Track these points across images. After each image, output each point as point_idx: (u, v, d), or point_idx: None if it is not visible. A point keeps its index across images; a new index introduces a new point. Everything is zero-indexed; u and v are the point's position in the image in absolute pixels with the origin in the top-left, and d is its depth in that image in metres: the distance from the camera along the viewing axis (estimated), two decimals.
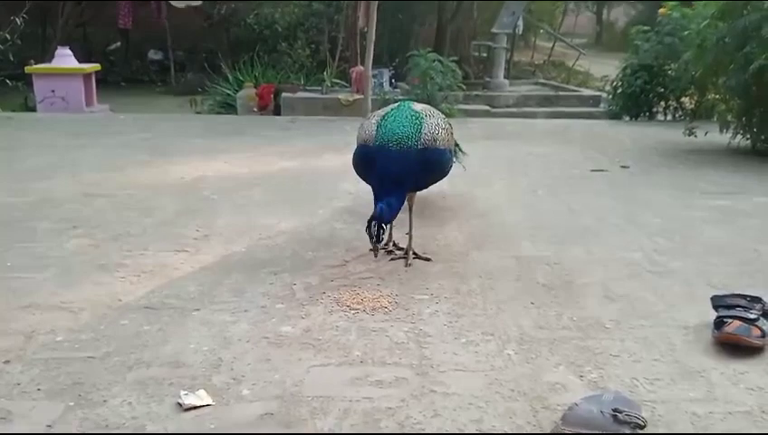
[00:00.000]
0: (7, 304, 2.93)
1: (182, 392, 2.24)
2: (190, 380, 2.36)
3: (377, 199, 3.31)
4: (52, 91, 9.89)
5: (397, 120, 3.43)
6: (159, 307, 2.95)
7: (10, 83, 10.17)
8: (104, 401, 2.21)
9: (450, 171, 3.72)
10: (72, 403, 2.19)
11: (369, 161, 3.43)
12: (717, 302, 2.83)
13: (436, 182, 3.70)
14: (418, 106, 3.65)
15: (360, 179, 3.66)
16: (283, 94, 10.25)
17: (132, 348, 2.57)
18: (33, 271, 3.33)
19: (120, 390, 2.28)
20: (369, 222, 3.23)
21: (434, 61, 9.05)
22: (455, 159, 3.84)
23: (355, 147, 3.59)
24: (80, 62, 10.44)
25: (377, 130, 3.42)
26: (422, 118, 3.48)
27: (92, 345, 2.58)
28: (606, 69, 12.30)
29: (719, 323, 2.72)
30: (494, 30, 12.77)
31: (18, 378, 2.33)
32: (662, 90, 9.21)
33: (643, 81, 9.09)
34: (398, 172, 3.31)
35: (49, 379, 2.33)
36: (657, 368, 2.52)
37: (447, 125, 3.68)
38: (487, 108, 10.95)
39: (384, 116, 3.50)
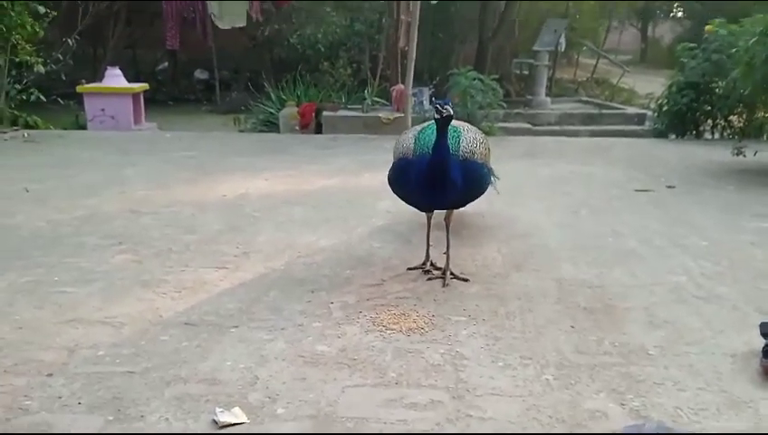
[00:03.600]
0: (53, 319, 3.01)
1: (218, 410, 2.26)
2: (226, 397, 2.38)
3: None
4: (102, 109, 10.20)
5: (434, 132, 3.44)
6: (198, 323, 2.99)
7: (62, 102, 10.60)
8: (142, 416, 2.24)
9: (487, 189, 3.70)
10: (111, 418, 2.23)
11: (408, 174, 3.44)
12: (766, 329, 2.72)
13: (474, 199, 3.68)
14: (455, 122, 3.65)
15: (398, 198, 3.67)
16: (325, 113, 10.33)
17: (171, 364, 2.61)
18: (79, 286, 3.42)
19: (157, 405, 2.31)
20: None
21: (474, 79, 9.05)
22: (492, 178, 3.81)
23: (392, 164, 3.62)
24: (129, 81, 10.76)
25: (415, 142, 3.45)
26: (460, 131, 3.52)
27: (133, 360, 2.63)
28: (651, 86, 12.12)
29: (767, 352, 2.62)
30: (535, 48, 12.71)
31: (60, 391, 2.39)
32: (709, 108, 8.98)
33: (690, 98, 8.89)
34: (440, 177, 3.31)
35: (90, 393, 2.38)
36: (703, 397, 2.44)
37: (485, 141, 3.67)
38: (528, 126, 10.86)
39: (421, 130, 3.54)
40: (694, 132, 9.27)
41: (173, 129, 10.51)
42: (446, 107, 3.22)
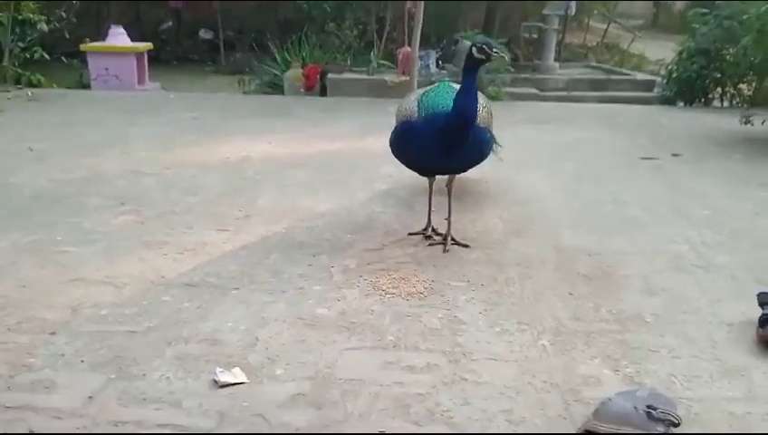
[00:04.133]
0: (56, 278, 3.05)
1: (218, 369, 2.30)
2: (226, 357, 2.42)
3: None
4: (106, 68, 10.14)
5: (438, 95, 3.43)
6: (200, 285, 3.02)
7: (66, 61, 10.53)
8: (143, 374, 2.29)
9: (489, 155, 3.68)
10: (112, 376, 2.27)
11: (411, 137, 3.42)
12: (763, 298, 2.74)
13: (476, 164, 3.66)
14: (458, 85, 3.62)
15: (399, 163, 3.66)
16: (330, 75, 10.24)
17: (172, 324, 2.64)
18: (81, 246, 3.45)
19: (159, 364, 2.35)
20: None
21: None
22: (494, 145, 3.79)
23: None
24: (132, 40, 10.67)
25: (418, 105, 3.42)
26: None
27: (135, 320, 2.67)
28: (662, 52, 11.93)
29: (764, 321, 2.63)
30: (545, 12, 12.48)
31: (63, 349, 2.43)
32: (719, 75, 8.88)
33: (699, 65, 8.78)
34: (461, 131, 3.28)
35: (92, 351, 2.42)
36: (697, 365, 2.47)
37: (488, 105, 3.64)
38: (536, 91, 10.72)
39: (424, 93, 3.51)
40: (702, 100, 9.17)
41: (177, 89, 10.45)
42: (494, 50, 3.20)
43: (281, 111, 8.05)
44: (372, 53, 11.06)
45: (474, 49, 3.22)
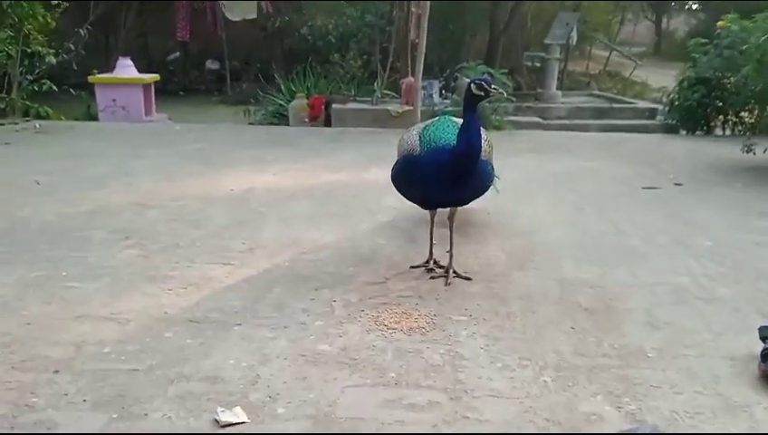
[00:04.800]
0: (60, 314, 3.07)
1: (219, 409, 2.30)
2: (228, 395, 2.42)
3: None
4: (114, 100, 10.27)
5: (439, 129, 3.47)
6: (202, 321, 3.04)
7: (74, 92, 10.65)
8: (145, 414, 2.30)
9: (489, 188, 3.71)
10: (115, 415, 2.28)
11: (414, 171, 3.45)
12: (765, 332, 2.74)
13: (477, 197, 3.69)
14: (458, 119, 3.66)
15: (402, 195, 3.69)
16: (334, 105, 10.34)
17: (174, 361, 2.66)
18: (86, 281, 3.48)
19: (160, 403, 2.36)
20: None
21: (484, 73, 9.01)
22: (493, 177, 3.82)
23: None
24: (140, 71, 10.82)
25: (420, 139, 3.45)
26: None
27: (137, 357, 2.68)
28: (664, 79, 12.00)
29: (766, 356, 2.62)
30: (546, 41, 12.62)
31: (66, 388, 2.44)
32: (720, 104, 8.91)
33: (701, 94, 8.82)
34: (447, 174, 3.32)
35: (95, 390, 2.43)
36: (699, 401, 2.46)
37: (488, 138, 3.68)
38: (538, 120, 10.80)
39: (425, 127, 3.55)
40: (704, 128, 9.20)
41: (183, 120, 10.55)
42: (493, 87, 3.25)
43: (285, 141, 8.12)
44: (376, 84, 11.16)
45: (473, 86, 3.27)
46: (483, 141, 3.53)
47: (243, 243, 4.14)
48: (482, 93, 3.26)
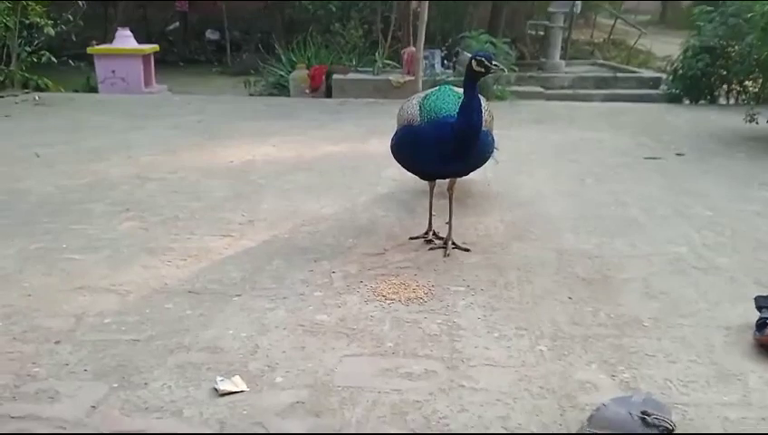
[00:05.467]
0: (61, 286, 3.10)
1: (218, 378, 2.34)
2: (227, 365, 2.46)
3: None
4: (113, 71, 10.20)
5: (440, 99, 3.45)
6: (202, 292, 3.07)
7: (73, 64, 10.61)
8: (145, 383, 2.33)
9: (491, 155, 3.70)
10: (115, 385, 2.32)
11: (413, 142, 3.44)
12: (761, 302, 2.76)
13: (477, 168, 3.68)
14: (458, 89, 3.64)
15: (402, 167, 3.69)
16: (335, 76, 10.27)
17: (174, 332, 2.69)
18: (87, 253, 3.50)
19: (160, 373, 2.39)
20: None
21: (486, 42, 8.93)
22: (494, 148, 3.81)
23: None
24: (139, 42, 10.72)
25: (420, 109, 3.44)
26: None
27: (137, 328, 2.72)
28: (669, 48, 11.87)
29: (761, 325, 2.65)
30: (550, 9, 12.46)
31: (67, 358, 2.48)
32: (725, 72, 8.83)
33: (705, 63, 8.72)
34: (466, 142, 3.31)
35: (96, 360, 2.47)
36: (693, 370, 2.49)
37: (488, 107, 3.66)
38: (541, 90, 10.69)
39: (425, 97, 3.52)
40: (708, 97, 9.13)
41: (183, 91, 10.52)
42: (494, 63, 3.22)
43: (286, 112, 8.09)
44: (377, 53, 11.06)
45: (473, 62, 3.23)
46: (483, 111, 3.51)
47: (242, 215, 4.15)
48: (482, 70, 3.23)
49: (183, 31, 16.73)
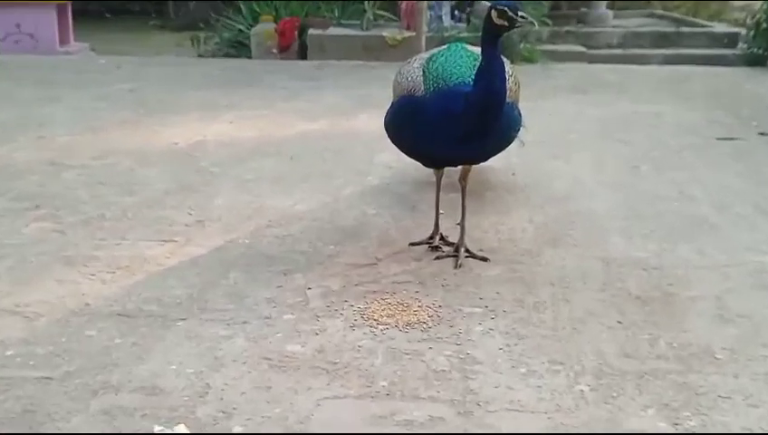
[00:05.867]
0: None
1: (157, 428, 2.34)
2: (169, 411, 2.45)
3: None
4: (17, 25, 10.20)
5: (450, 61, 3.44)
6: (136, 315, 3.06)
7: None
8: None
9: (517, 135, 3.72)
10: None
11: (415, 119, 3.45)
12: None
13: (499, 151, 3.70)
14: (475, 48, 3.66)
15: (399, 149, 3.71)
16: (311, 31, 10.30)
17: (99, 367, 2.68)
18: None
19: (80, 421, 2.39)
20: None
21: None
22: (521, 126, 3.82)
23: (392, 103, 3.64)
24: None
25: (424, 74, 3.44)
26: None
27: (50, 362, 2.71)
28: None
29: None
30: None
31: None
32: None
33: None
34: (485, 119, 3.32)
35: None
36: None
37: (515, 74, 3.67)
38: (582, 49, 10.79)
39: (431, 58, 3.53)
40: None
41: (111, 51, 10.51)
42: (520, 14, 3.20)
43: (247, 79, 8.10)
44: (367, 2, 11.08)
45: (493, 13, 3.23)
46: (507, 77, 3.52)
47: (189, 213, 4.16)
48: (505, 23, 3.23)
49: None
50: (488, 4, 3.85)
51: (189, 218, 4.09)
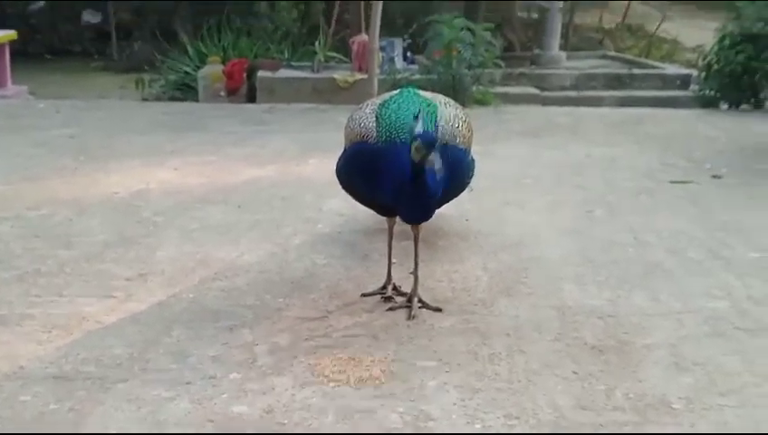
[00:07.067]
0: None
1: None
2: None
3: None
4: None
5: (402, 107, 3.49)
6: (73, 377, 3.01)
7: None
8: None
9: (470, 182, 3.76)
10: None
11: (367, 167, 3.48)
12: None
13: (452, 198, 3.74)
14: (427, 93, 3.71)
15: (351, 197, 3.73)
16: (260, 73, 10.35)
17: None
18: None
19: None
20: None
21: (462, 29, 9.14)
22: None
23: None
24: None
25: (377, 121, 3.47)
26: (435, 106, 3.55)
27: None
28: (702, 35, 12.34)
29: None
30: None
31: None
32: None
33: (747, 55, 9.11)
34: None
35: None
36: None
37: (467, 119, 3.73)
38: (536, 91, 11.00)
39: (383, 104, 3.57)
40: (752, 100, 9.51)
41: (50, 94, 10.45)
42: (423, 137, 3.15)
43: (193, 123, 8.09)
44: (318, 43, 11.20)
45: (413, 145, 3.17)
46: (461, 122, 3.56)
47: (130, 267, 4.12)
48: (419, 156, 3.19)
49: (51, 12, 16.63)
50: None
51: (130, 272, 4.05)
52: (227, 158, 6.56)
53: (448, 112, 3.60)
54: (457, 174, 3.59)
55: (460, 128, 3.57)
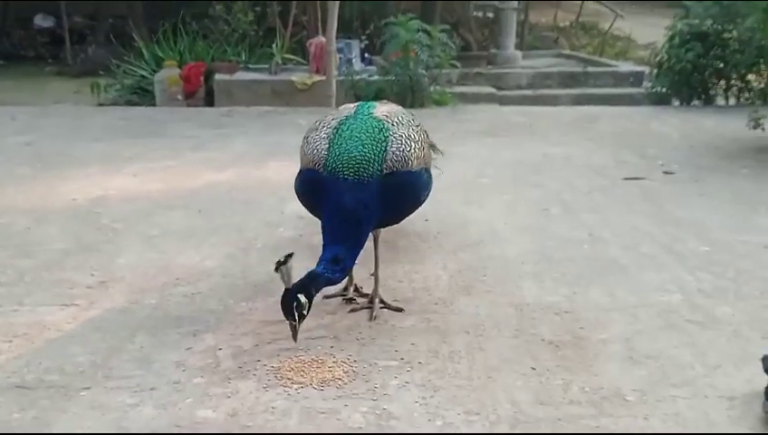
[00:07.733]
0: None
1: None
2: None
3: (325, 247, 3.40)
4: None
5: (354, 135, 3.49)
6: (36, 386, 3.00)
7: None
8: None
9: (428, 197, 3.82)
10: None
11: (317, 192, 3.50)
12: None
13: (407, 215, 3.79)
14: (382, 110, 3.74)
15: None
16: (217, 76, 10.32)
17: None
18: None
19: None
20: (294, 290, 3.23)
21: (418, 30, 9.19)
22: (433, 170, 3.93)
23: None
24: None
25: (329, 149, 3.48)
26: (388, 130, 3.54)
27: None
28: (654, 32, 12.50)
29: None
30: None
31: None
32: (721, 65, 9.40)
33: (696, 53, 9.28)
34: (356, 209, 3.38)
35: None
36: None
37: (422, 133, 3.76)
38: (493, 90, 11.10)
39: (337, 128, 3.56)
40: (702, 97, 9.70)
41: (4, 101, 10.29)
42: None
43: (151, 128, 8.05)
44: (275, 46, 11.18)
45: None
46: (413, 143, 3.56)
47: (91, 274, 4.11)
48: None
49: (2, 15, 16.39)
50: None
51: (91, 280, 4.04)
52: (187, 162, 6.55)
53: (399, 135, 3.55)
54: (410, 195, 3.63)
55: (412, 150, 3.53)
